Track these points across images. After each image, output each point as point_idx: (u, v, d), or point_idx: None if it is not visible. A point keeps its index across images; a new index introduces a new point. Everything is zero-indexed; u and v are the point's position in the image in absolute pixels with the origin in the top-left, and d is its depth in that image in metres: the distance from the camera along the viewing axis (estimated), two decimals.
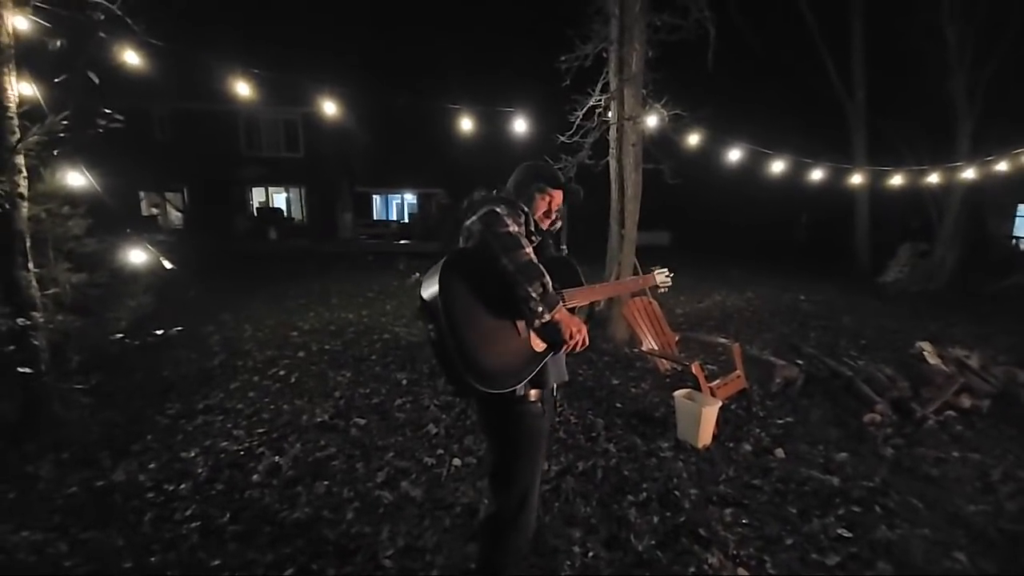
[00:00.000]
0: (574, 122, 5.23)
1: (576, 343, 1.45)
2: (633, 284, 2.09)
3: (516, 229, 1.41)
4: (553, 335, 1.45)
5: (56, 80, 3.06)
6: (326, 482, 2.66)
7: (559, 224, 1.77)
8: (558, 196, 1.72)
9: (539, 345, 1.51)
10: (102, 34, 3.21)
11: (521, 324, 1.47)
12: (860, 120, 11.88)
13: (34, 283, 3.02)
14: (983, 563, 2.09)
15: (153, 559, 2.08)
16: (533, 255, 1.40)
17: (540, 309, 1.35)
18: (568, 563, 2.08)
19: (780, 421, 3.50)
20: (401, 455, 2.95)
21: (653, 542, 2.20)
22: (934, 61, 10.10)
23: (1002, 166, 5.95)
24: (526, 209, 1.58)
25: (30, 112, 2.97)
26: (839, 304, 8.08)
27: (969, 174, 6.48)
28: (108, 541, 2.18)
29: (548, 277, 1.38)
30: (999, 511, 2.46)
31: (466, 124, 4.86)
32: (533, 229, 1.59)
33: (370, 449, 3.03)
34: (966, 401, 3.61)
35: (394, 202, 26.28)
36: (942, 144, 9.96)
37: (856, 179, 6.94)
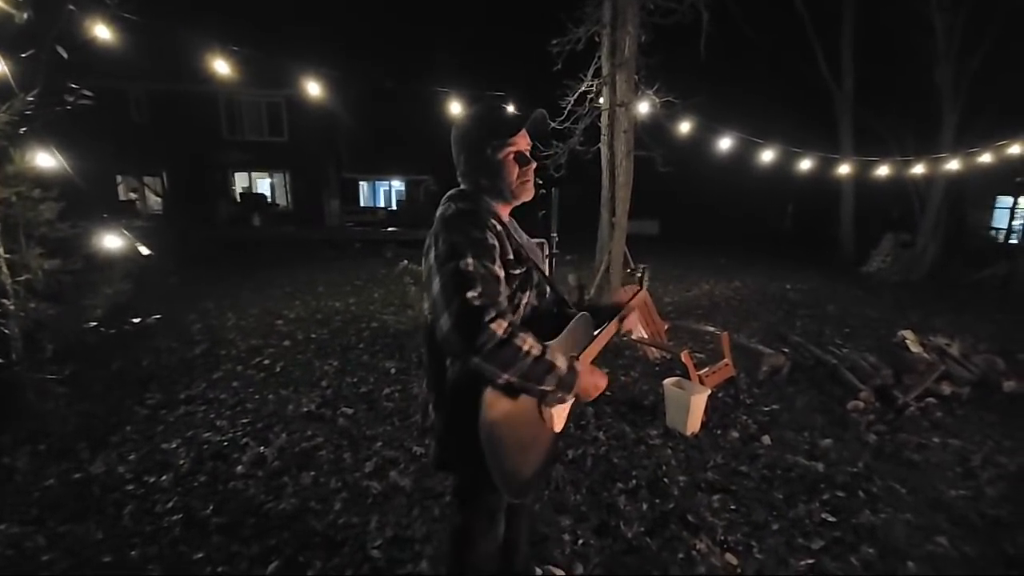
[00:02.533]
0: (565, 107, 5.16)
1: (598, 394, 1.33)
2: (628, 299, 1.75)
3: (482, 296, 1.10)
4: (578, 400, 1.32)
5: (24, 56, 2.90)
6: (313, 472, 2.62)
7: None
8: (523, 140, 1.31)
9: (559, 425, 1.38)
10: (72, 7, 3.06)
11: (545, 411, 1.31)
12: (847, 109, 11.97)
13: (5, 269, 2.90)
14: (964, 547, 2.14)
15: (134, 552, 2.03)
16: (532, 341, 1.11)
17: (561, 395, 1.20)
18: (558, 551, 2.08)
19: (767, 408, 3.53)
20: (389, 444, 2.92)
21: (642, 529, 2.21)
22: (922, 51, 10.18)
23: (985, 157, 6.03)
24: (494, 221, 1.25)
25: None
26: (824, 293, 8.20)
27: (953, 165, 6.56)
28: (87, 534, 2.12)
29: (556, 358, 1.15)
30: (980, 496, 2.51)
31: (455, 109, 4.76)
32: (511, 246, 1.27)
33: (358, 439, 2.99)
34: (947, 388, 3.69)
35: (381, 189, 25.96)
36: (927, 135, 10.09)
37: (842, 169, 7.00)
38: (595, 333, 1.47)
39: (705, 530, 2.21)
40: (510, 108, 1.38)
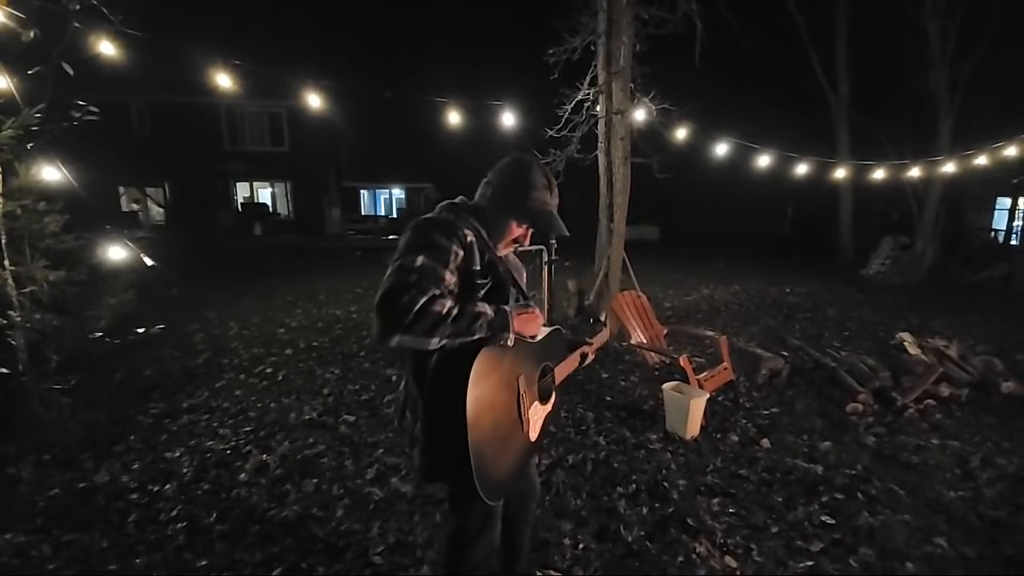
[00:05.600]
0: (563, 116, 5.22)
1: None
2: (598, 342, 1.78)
3: (414, 285, 1.12)
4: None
5: (30, 72, 2.96)
6: (315, 480, 2.64)
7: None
8: (521, 225, 1.43)
9: (534, 434, 1.42)
10: (77, 24, 3.12)
11: (523, 410, 1.34)
12: (843, 114, 12.05)
13: (10, 281, 2.94)
14: (963, 548, 2.15)
15: (138, 561, 2.05)
16: (451, 303, 1.15)
17: (502, 337, 1.23)
18: (559, 555, 2.09)
19: (766, 412, 3.55)
20: (391, 451, 2.94)
21: (643, 533, 2.22)
22: (916, 56, 10.27)
23: (981, 160, 6.07)
24: (468, 232, 1.29)
25: (3, 105, 2.88)
26: (823, 296, 8.21)
27: (949, 168, 6.61)
28: (92, 543, 2.14)
29: (479, 307, 1.20)
30: (978, 497, 2.52)
31: (454, 118, 4.81)
32: (481, 262, 1.30)
33: (359, 446, 3.01)
34: (945, 390, 3.69)
35: (382, 197, 26.09)
36: (923, 138, 10.16)
37: (839, 173, 7.04)
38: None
39: (705, 533, 2.22)
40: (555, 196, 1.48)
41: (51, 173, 3.03)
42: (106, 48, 3.28)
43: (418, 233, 1.24)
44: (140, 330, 4.31)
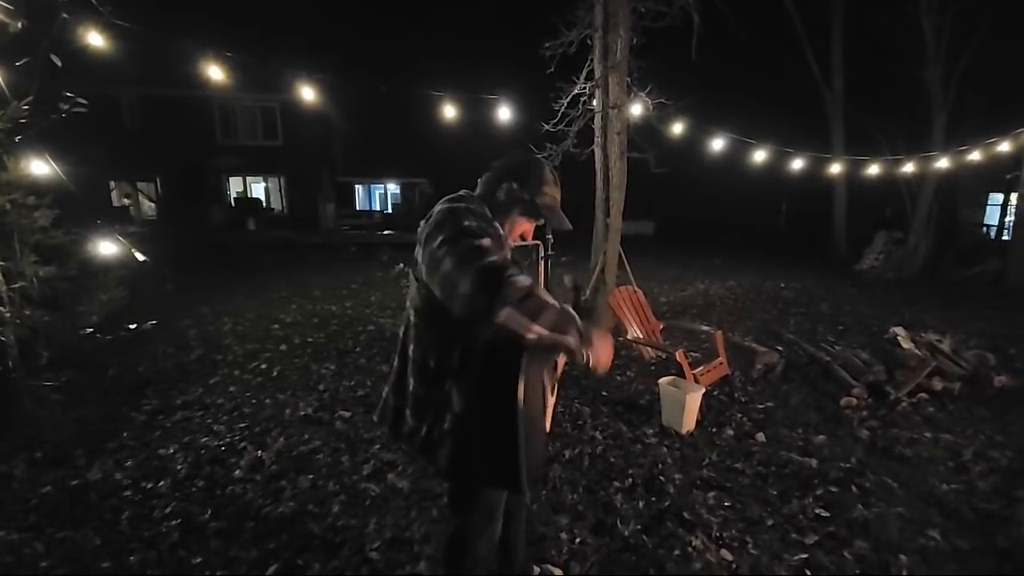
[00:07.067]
0: (559, 110, 5.20)
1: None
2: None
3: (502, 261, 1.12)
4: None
5: (18, 64, 2.91)
6: (311, 476, 2.63)
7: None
8: (527, 221, 1.45)
9: (548, 424, 1.48)
10: (65, 15, 3.07)
11: (547, 399, 1.39)
12: (838, 109, 12.09)
13: (0, 277, 2.90)
14: (957, 540, 2.16)
15: (132, 558, 2.03)
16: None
17: (582, 350, 1.18)
18: (556, 550, 2.09)
19: (761, 406, 3.56)
20: (387, 447, 2.93)
21: (639, 527, 2.23)
22: (911, 52, 10.30)
23: (974, 156, 6.11)
24: (498, 224, 1.31)
25: None
26: (818, 291, 8.26)
27: (942, 164, 6.64)
28: (85, 541, 2.12)
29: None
30: (971, 490, 2.54)
31: (450, 112, 4.78)
32: (507, 251, 1.33)
33: (355, 442, 3.00)
34: (938, 384, 3.72)
35: (377, 192, 25.93)
36: (917, 134, 10.21)
37: (834, 168, 7.06)
38: None
39: (700, 527, 2.23)
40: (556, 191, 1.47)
41: (40, 167, 2.98)
42: (95, 40, 3.23)
43: (467, 218, 1.21)
44: (132, 326, 4.26)
